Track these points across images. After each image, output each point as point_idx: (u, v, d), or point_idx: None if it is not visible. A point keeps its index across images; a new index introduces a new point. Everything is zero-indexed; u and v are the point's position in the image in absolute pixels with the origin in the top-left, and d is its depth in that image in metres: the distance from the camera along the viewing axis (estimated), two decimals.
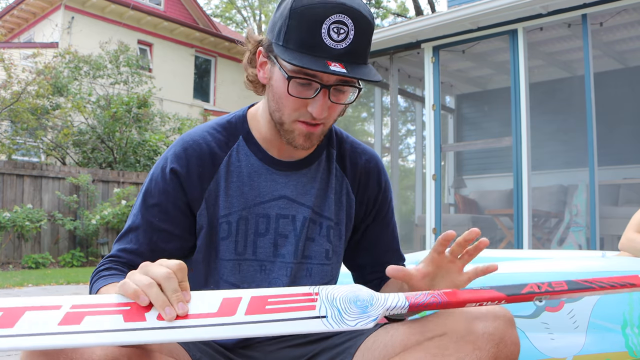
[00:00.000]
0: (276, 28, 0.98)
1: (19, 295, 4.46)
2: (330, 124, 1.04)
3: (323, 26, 0.91)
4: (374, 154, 1.20)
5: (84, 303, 0.75)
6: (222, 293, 0.80)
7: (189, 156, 1.05)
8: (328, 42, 0.91)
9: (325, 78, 0.95)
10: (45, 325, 0.71)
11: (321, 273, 1.10)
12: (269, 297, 0.80)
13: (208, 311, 0.77)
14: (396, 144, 6.59)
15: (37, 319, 0.72)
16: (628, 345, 1.46)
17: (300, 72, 0.94)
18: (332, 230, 1.11)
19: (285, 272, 1.07)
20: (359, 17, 0.93)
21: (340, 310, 0.79)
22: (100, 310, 0.75)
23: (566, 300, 1.52)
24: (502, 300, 0.83)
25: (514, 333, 0.90)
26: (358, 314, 0.80)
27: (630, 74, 6.53)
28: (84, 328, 0.72)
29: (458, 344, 0.87)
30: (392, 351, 0.96)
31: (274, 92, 1.01)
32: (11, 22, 13.52)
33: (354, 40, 0.93)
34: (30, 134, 9.60)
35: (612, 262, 1.67)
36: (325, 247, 1.10)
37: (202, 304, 0.78)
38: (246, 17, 24.37)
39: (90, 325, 0.72)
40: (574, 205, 5.75)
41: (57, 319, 0.72)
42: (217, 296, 0.79)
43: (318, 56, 0.92)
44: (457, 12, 5.37)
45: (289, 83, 0.95)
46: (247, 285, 1.06)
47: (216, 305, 0.77)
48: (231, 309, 0.77)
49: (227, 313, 0.77)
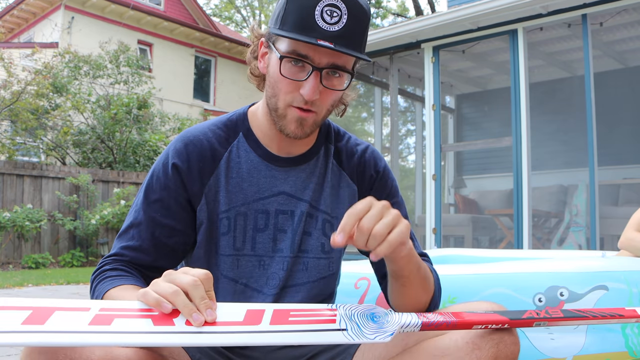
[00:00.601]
0: (274, 15, 1.00)
1: (19, 295, 4.46)
2: (323, 114, 1.03)
3: (317, 8, 0.93)
4: (369, 145, 1.20)
5: (112, 307, 0.77)
6: (245, 305, 0.82)
7: (190, 152, 1.06)
8: (321, 24, 0.93)
9: (316, 60, 0.96)
10: (76, 324, 0.72)
11: (317, 267, 1.10)
12: (291, 310, 0.83)
13: (234, 320, 0.78)
14: (396, 144, 6.59)
15: (67, 318, 0.72)
16: (628, 345, 1.46)
17: (292, 52, 0.96)
18: (327, 224, 1.11)
19: (282, 266, 1.07)
20: (353, 3, 0.95)
21: (359, 325, 0.82)
22: (129, 314, 0.76)
23: (566, 300, 1.52)
24: (506, 324, 0.86)
25: (513, 333, 0.90)
26: (376, 328, 0.82)
27: (630, 74, 6.53)
28: (115, 329, 0.73)
29: (458, 343, 0.88)
30: (392, 351, 0.96)
31: (270, 78, 1.02)
32: (11, 22, 13.52)
33: (346, 24, 0.94)
34: (30, 134, 9.60)
35: (612, 262, 1.67)
36: (321, 240, 1.10)
37: (228, 313, 0.79)
38: (246, 17, 24.37)
39: (121, 327, 0.73)
40: (574, 205, 5.75)
41: (87, 319, 0.73)
42: (241, 307, 0.81)
43: (310, 36, 0.94)
44: (457, 12, 5.37)
45: (281, 63, 0.97)
46: (245, 281, 1.06)
47: (241, 315, 0.80)
48: (256, 319, 0.79)
49: (252, 322, 0.78)
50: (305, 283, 1.09)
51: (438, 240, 5.72)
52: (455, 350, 0.87)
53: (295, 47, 0.96)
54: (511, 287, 1.58)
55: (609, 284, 1.51)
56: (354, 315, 0.83)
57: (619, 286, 1.50)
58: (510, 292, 1.57)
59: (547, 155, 6.64)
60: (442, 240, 5.77)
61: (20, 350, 0.77)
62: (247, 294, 1.06)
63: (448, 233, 6.23)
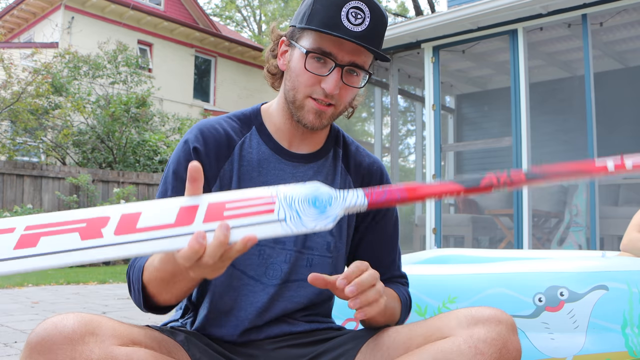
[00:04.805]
0: (300, 15, 1.07)
1: (19, 295, 4.46)
2: (340, 109, 1.09)
3: (343, 9, 1.00)
4: (378, 159, 1.26)
5: (37, 224, 0.73)
6: (178, 202, 0.78)
7: (207, 137, 1.10)
8: (346, 24, 1.00)
9: (339, 57, 1.02)
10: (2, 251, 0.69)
11: (322, 265, 1.11)
12: (226, 202, 0.78)
13: (166, 222, 0.75)
14: (396, 144, 6.59)
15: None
16: (628, 345, 1.46)
17: (317, 49, 1.02)
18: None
19: (285, 259, 1.08)
20: (375, 8, 1.03)
21: (299, 212, 0.79)
22: (55, 229, 0.72)
23: (566, 300, 1.52)
24: (461, 192, 0.82)
25: (516, 339, 0.90)
26: (316, 214, 0.79)
27: (630, 74, 6.53)
28: (41, 250, 0.70)
29: (461, 348, 0.88)
30: (394, 354, 0.96)
31: (290, 72, 1.08)
32: (11, 22, 13.53)
33: (369, 26, 1.02)
34: (30, 134, 9.60)
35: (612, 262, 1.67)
36: (327, 239, 1.11)
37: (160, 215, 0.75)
38: (246, 17, 24.36)
39: (47, 247, 0.70)
40: (574, 205, 5.76)
41: (12, 242, 0.70)
42: (174, 206, 0.77)
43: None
44: (457, 12, 5.37)
45: (306, 58, 1.03)
46: (242, 267, 1.07)
47: (173, 216, 0.75)
48: (189, 217, 0.75)
49: (185, 222, 0.75)
50: None
51: (438, 240, 5.72)
52: (458, 355, 0.87)
53: (321, 44, 1.02)
54: (511, 287, 1.58)
55: (609, 284, 1.51)
56: (294, 202, 0.80)
57: (619, 286, 1.50)
58: (510, 292, 1.57)
59: (547, 155, 6.63)
60: (442, 240, 5.78)
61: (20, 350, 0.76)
62: (244, 281, 1.07)
63: (448, 233, 6.23)
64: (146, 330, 0.93)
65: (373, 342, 1.00)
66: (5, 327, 2.98)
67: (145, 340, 0.89)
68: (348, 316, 1.69)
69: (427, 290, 1.63)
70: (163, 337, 0.95)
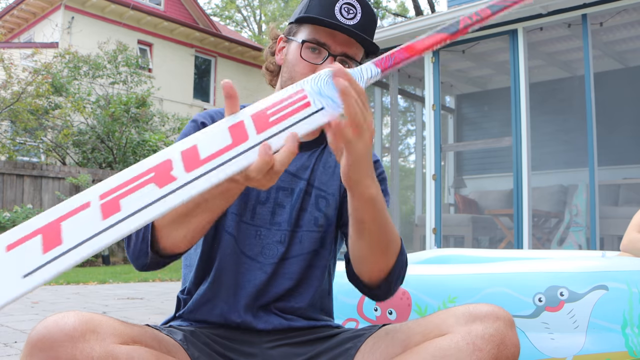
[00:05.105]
0: (297, 11, 1.15)
1: None
2: None
3: (336, 5, 1.09)
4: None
5: (108, 189, 0.71)
6: (223, 124, 0.77)
7: (214, 117, 1.15)
8: (339, 18, 1.08)
9: (333, 48, 1.09)
10: (92, 226, 0.68)
11: (310, 239, 1.14)
12: (266, 109, 0.79)
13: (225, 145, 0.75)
14: (396, 144, 6.59)
15: (77, 224, 0.68)
16: (628, 345, 1.46)
17: (313, 39, 1.09)
18: (320, 199, 1.16)
19: (280, 238, 1.11)
20: (365, 5, 1.11)
21: (331, 97, 0.81)
22: (130, 188, 0.71)
23: (566, 300, 1.52)
24: (447, 39, 0.91)
25: (514, 335, 0.90)
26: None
27: (630, 74, 6.53)
28: (127, 212, 0.69)
29: (459, 345, 0.88)
30: (392, 352, 0.97)
31: (287, 64, 1.13)
32: (11, 22, 13.53)
33: (361, 21, 1.10)
34: (30, 134, 9.60)
35: (612, 262, 1.67)
36: (314, 214, 1.14)
37: (214, 139, 0.75)
38: (246, 17, 24.37)
39: (131, 207, 0.69)
40: (574, 205, 5.76)
41: (97, 215, 0.68)
42: (221, 128, 0.77)
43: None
44: (457, 12, 5.37)
45: (302, 48, 1.09)
46: (242, 247, 1.10)
47: (227, 137, 0.76)
48: (242, 134, 0.76)
49: (242, 139, 0.76)
50: (299, 255, 1.13)
51: (438, 240, 5.72)
52: (456, 352, 0.87)
53: (316, 35, 1.09)
54: (511, 287, 1.58)
55: (609, 284, 1.51)
56: (322, 90, 0.81)
57: (619, 286, 1.50)
58: (510, 292, 1.57)
59: (547, 155, 6.64)
60: (442, 240, 5.78)
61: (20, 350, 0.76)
62: (242, 260, 1.10)
63: (448, 233, 6.23)
64: (146, 329, 0.93)
65: (372, 341, 1.00)
66: (5, 327, 2.98)
67: (146, 339, 0.89)
68: (348, 316, 1.69)
69: (427, 290, 1.63)
70: (162, 336, 0.96)
